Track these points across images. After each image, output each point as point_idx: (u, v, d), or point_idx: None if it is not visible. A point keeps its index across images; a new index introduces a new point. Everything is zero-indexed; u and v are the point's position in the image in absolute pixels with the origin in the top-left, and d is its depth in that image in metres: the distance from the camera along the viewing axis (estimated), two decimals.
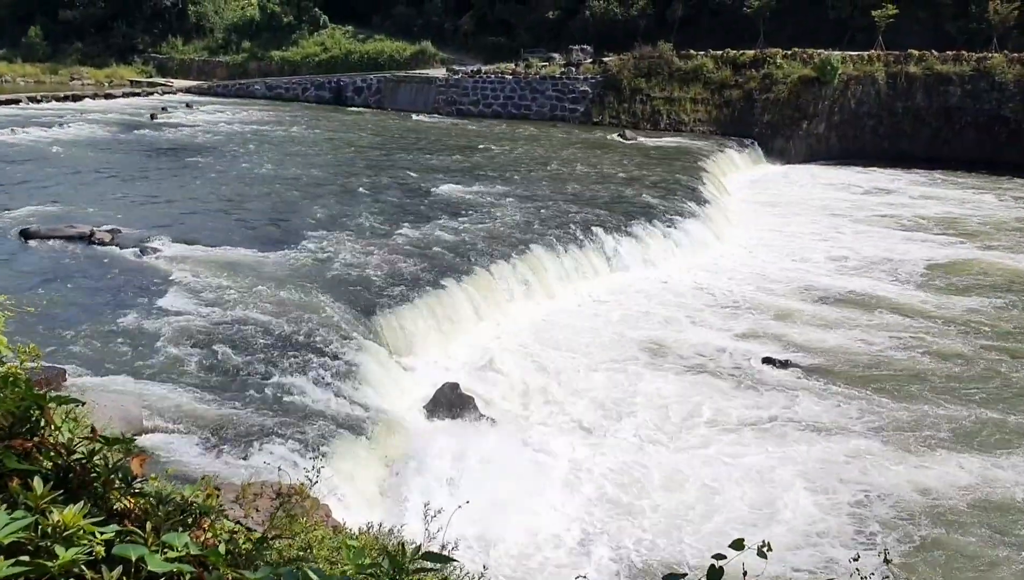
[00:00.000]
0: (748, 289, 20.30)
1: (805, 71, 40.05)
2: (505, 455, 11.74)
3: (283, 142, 33.49)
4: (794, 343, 16.89)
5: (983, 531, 10.68)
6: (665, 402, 14.10)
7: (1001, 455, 12.58)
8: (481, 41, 53.03)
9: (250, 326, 13.60)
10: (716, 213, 26.22)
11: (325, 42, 56.36)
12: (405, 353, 14.72)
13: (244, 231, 19.65)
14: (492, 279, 17.97)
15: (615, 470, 11.89)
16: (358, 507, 9.86)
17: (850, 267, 22.51)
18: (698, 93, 41.66)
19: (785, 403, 14.24)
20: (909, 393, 14.68)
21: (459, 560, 6.46)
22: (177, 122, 38.38)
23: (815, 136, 40.08)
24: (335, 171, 27.90)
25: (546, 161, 31.05)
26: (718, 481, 11.73)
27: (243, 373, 12.24)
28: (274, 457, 9.90)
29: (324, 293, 15.30)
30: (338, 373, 12.67)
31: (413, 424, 12.38)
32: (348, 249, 18.19)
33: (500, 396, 14.06)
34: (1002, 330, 17.91)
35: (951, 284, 21.09)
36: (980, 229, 27.11)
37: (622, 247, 21.47)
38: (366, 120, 42.49)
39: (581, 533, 10.44)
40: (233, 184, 25.09)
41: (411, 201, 23.62)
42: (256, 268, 16.58)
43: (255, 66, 56.56)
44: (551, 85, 44.09)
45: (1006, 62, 38.37)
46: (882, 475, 11.96)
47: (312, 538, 4.41)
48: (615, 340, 16.71)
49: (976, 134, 38.58)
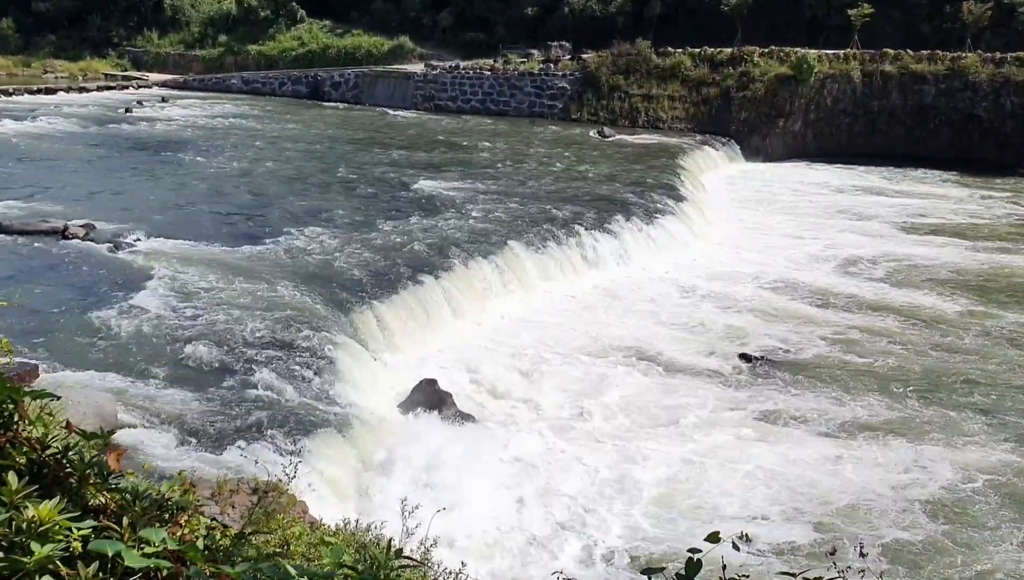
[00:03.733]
0: (725, 286, 20.40)
1: (782, 69, 40.26)
2: (482, 450, 11.75)
3: (260, 137, 33.27)
4: (771, 339, 17.00)
5: (958, 525, 10.82)
6: (642, 398, 14.16)
7: (969, 447, 12.76)
8: (459, 37, 52.87)
9: (226, 322, 13.52)
10: (693, 210, 26.32)
11: (302, 37, 55.97)
12: (383, 349, 14.68)
13: (220, 226, 19.53)
14: (470, 275, 17.95)
15: (592, 465, 11.92)
16: (335, 503, 9.83)
17: (826, 264, 22.68)
18: (676, 91, 41.78)
19: (760, 398, 14.33)
20: (885, 389, 14.82)
21: (437, 557, 6.46)
22: (152, 116, 38.02)
23: (792, 134, 40.31)
24: (312, 167, 27.77)
25: (524, 158, 31.05)
26: (700, 477, 11.79)
27: (219, 369, 12.17)
28: (250, 453, 9.85)
29: (301, 289, 15.23)
30: (315, 369, 12.62)
31: (390, 420, 12.36)
32: (325, 245, 18.12)
33: (478, 392, 14.07)
34: (975, 328, 18.11)
35: (927, 280, 21.29)
36: (958, 227, 27.37)
37: (600, 244, 21.52)
38: (343, 116, 42.29)
39: (557, 526, 10.46)
40: (209, 179, 24.92)
41: (389, 197, 23.56)
42: (232, 263, 16.48)
43: (231, 60, 56.06)
44: (530, 82, 44.06)
45: (979, 62, 38.78)
46: (857, 473, 12.08)
47: (289, 534, 4.39)
48: (593, 336, 16.75)
49: (950, 133, 38.96)
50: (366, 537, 6.00)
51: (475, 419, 12.83)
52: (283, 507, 8.02)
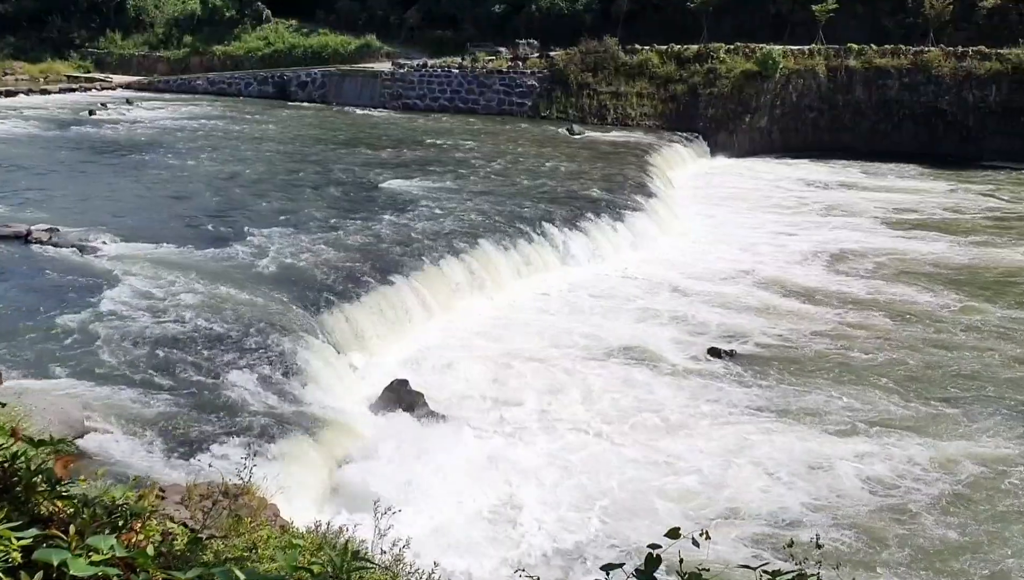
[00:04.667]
0: (695, 281, 20.50)
1: (748, 65, 40.55)
2: (455, 450, 11.72)
3: (226, 138, 32.98)
4: (740, 333, 17.11)
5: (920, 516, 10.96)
6: (614, 395, 14.19)
7: (934, 439, 12.93)
8: (427, 35, 52.73)
9: (194, 325, 13.39)
10: (663, 207, 26.45)
11: (268, 36, 55.54)
12: (353, 350, 14.61)
13: (187, 229, 19.33)
14: (441, 275, 17.91)
15: (565, 463, 11.93)
16: (307, 506, 9.76)
17: (794, 258, 22.86)
18: (644, 88, 41.93)
19: (730, 392, 14.42)
20: (862, 381, 14.98)
21: (409, 557, 6.43)
22: (117, 119, 37.57)
23: (758, 130, 40.62)
24: (280, 167, 27.56)
25: (494, 156, 31.02)
26: (669, 472, 11.84)
27: (188, 373, 12.05)
28: (220, 457, 9.77)
29: (270, 290, 15.12)
30: (285, 371, 12.54)
31: (362, 421, 12.28)
32: (294, 246, 18.00)
33: (450, 391, 14.03)
34: (943, 319, 18.34)
35: (896, 274, 21.51)
36: (923, 219, 27.71)
37: (571, 241, 21.55)
38: (311, 115, 42.03)
39: (530, 524, 10.46)
40: (175, 181, 24.66)
41: (357, 197, 23.44)
42: (200, 266, 16.32)
43: (197, 61, 55.52)
44: (498, 79, 44.03)
45: (942, 56, 39.30)
46: (828, 455, 12.20)
47: (257, 538, 4.35)
48: (564, 334, 16.77)
49: (914, 126, 39.46)
50: (337, 539, 5.96)
51: (447, 419, 12.79)
52: (253, 510, 7.95)
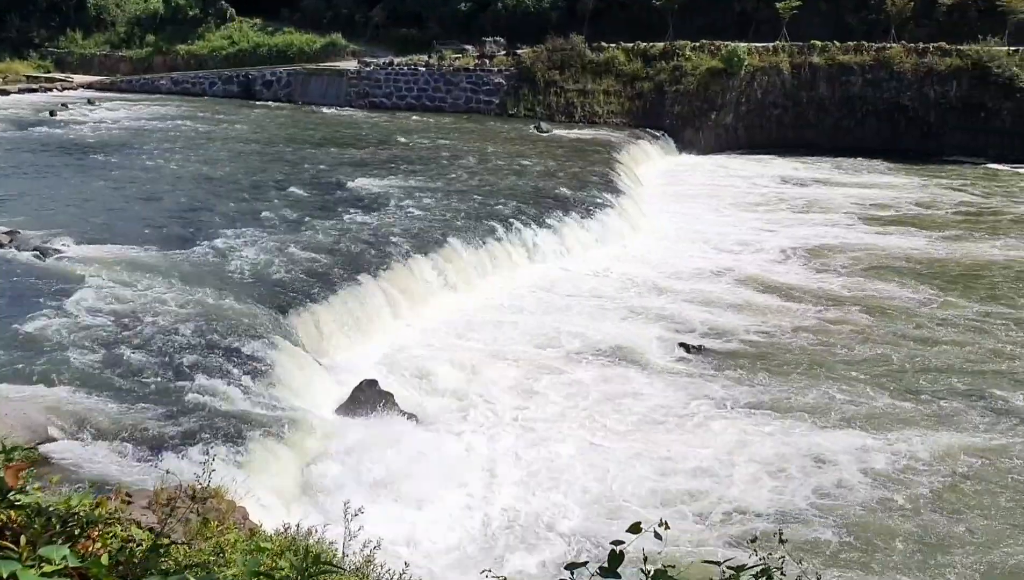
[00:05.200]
0: (663, 277, 20.62)
1: (713, 63, 40.81)
2: (425, 450, 11.70)
3: (191, 138, 32.63)
4: (709, 328, 17.22)
5: (881, 506, 11.10)
6: (585, 392, 14.23)
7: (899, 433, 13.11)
8: (392, 33, 52.48)
9: (160, 328, 13.23)
10: (630, 204, 26.55)
11: (232, 35, 54.99)
12: (321, 351, 14.53)
13: (152, 230, 19.10)
14: (410, 274, 17.86)
15: (536, 462, 11.95)
16: (277, 508, 9.70)
17: (760, 253, 23.06)
18: (611, 85, 42.06)
19: (700, 387, 14.52)
20: (814, 374, 15.14)
21: (379, 558, 6.40)
22: (79, 119, 37.00)
23: (724, 127, 40.90)
24: (245, 167, 27.31)
25: (462, 154, 30.96)
26: (638, 470, 11.90)
27: (154, 376, 11.91)
28: (188, 461, 9.68)
29: (236, 292, 14.98)
30: (253, 374, 12.43)
31: (331, 423, 12.23)
32: (260, 246, 17.84)
33: (420, 391, 14.00)
34: (922, 314, 18.58)
35: (874, 269, 21.72)
36: (899, 215, 28.03)
37: (540, 239, 21.58)
38: (276, 114, 41.70)
39: (501, 523, 10.46)
40: (139, 182, 24.35)
41: (325, 196, 23.29)
42: (165, 268, 16.13)
43: (160, 60, 54.84)
44: (465, 77, 43.95)
45: (904, 52, 39.82)
46: (788, 448, 12.31)
47: (224, 541, 4.30)
48: (534, 331, 16.79)
49: (877, 122, 39.95)
50: (307, 542, 5.91)
51: (417, 418, 12.77)
52: (222, 514, 7.89)
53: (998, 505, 11.20)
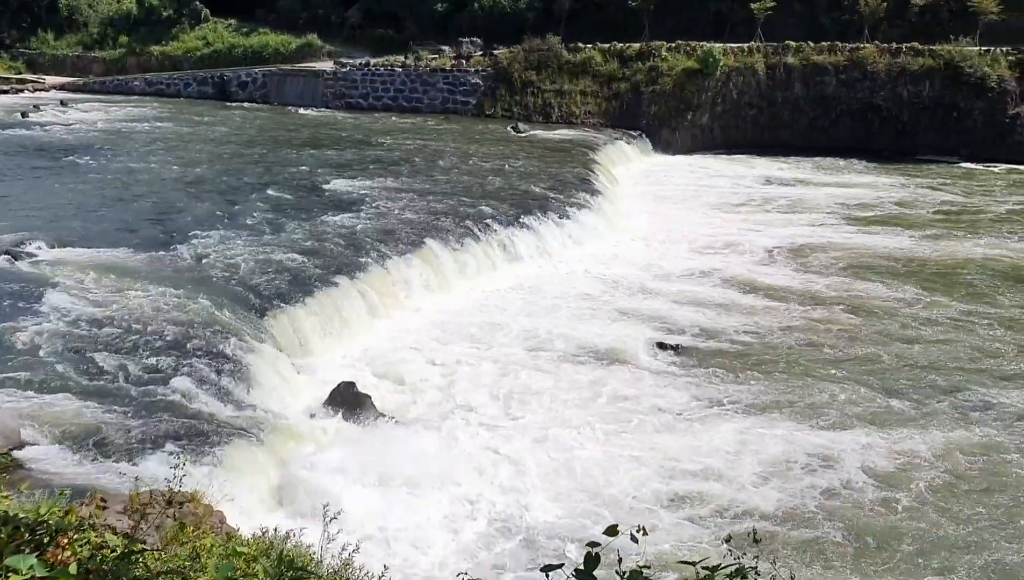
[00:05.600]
0: (641, 276, 20.68)
1: (689, 63, 40.99)
2: (404, 451, 11.67)
3: (166, 140, 32.37)
4: (686, 327, 17.29)
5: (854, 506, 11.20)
6: (563, 392, 14.25)
7: (875, 430, 13.22)
8: (369, 34, 52.32)
9: (135, 331, 13.12)
10: (608, 204, 26.62)
11: (207, 36, 54.61)
12: (299, 354, 14.46)
13: (126, 233, 18.93)
14: (387, 275, 17.81)
15: (516, 463, 11.95)
16: (254, 511, 9.66)
17: (736, 252, 23.18)
18: (587, 86, 42.16)
19: (677, 387, 14.57)
20: (787, 371, 15.24)
21: (358, 561, 6.38)
22: (51, 121, 36.61)
23: (699, 127, 41.08)
24: (221, 169, 27.12)
25: (439, 155, 30.92)
26: (614, 468, 11.93)
27: (129, 380, 11.81)
28: (164, 465, 9.59)
29: (212, 295, 14.87)
30: (229, 377, 12.36)
31: (309, 425, 12.17)
32: (236, 249, 17.73)
33: (398, 392, 13.97)
34: (907, 313, 18.73)
35: (858, 268, 21.86)
36: (882, 215, 28.23)
37: (518, 239, 21.58)
38: (252, 115, 41.45)
39: (479, 523, 10.46)
40: (113, 184, 24.13)
41: (301, 198, 23.18)
42: (140, 271, 16.00)
43: (133, 61, 54.37)
44: (442, 78, 43.90)
45: (877, 52, 40.18)
46: (764, 447, 12.39)
47: (200, 546, 4.26)
48: (512, 332, 16.78)
49: (851, 122, 40.27)
50: (283, 546, 5.88)
51: (395, 420, 12.73)
52: (198, 518, 7.82)
53: (995, 502, 11.27)
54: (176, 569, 2.54)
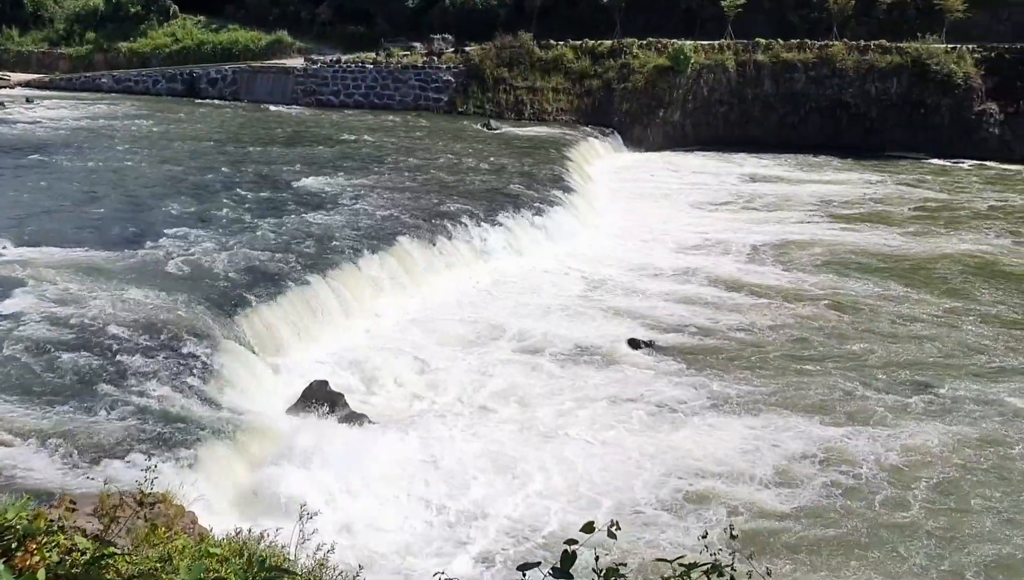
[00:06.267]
0: (614, 274, 20.75)
1: (660, 61, 41.14)
2: (377, 449, 11.63)
3: (133, 138, 32.01)
4: (658, 324, 17.37)
5: (825, 501, 11.32)
6: (535, 389, 14.26)
7: (847, 425, 13.36)
8: (340, 30, 52.03)
9: (105, 331, 12.97)
10: (581, 201, 26.67)
11: (176, 33, 54.07)
12: (270, 352, 14.36)
13: (94, 231, 18.71)
14: (359, 273, 17.73)
15: (484, 458, 11.95)
16: (227, 512, 9.59)
17: (709, 249, 23.32)
18: (559, 83, 42.21)
19: (648, 383, 14.64)
20: (757, 366, 15.36)
21: (332, 561, 6.36)
22: (17, 118, 36.06)
23: (671, 124, 41.26)
24: (190, 166, 26.85)
25: (411, 152, 30.83)
26: (585, 464, 11.97)
27: (99, 380, 11.68)
28: (135, 466, 9.50)
29: (182, 293, 14.74)
30: (200, 376, 12.26)
31: (282, 424, 12.09)
32: (206, 247, 17.58)
33: (371, 391, 13.93)
34: (849, 305, 18.94)
35: (840, 265, 22.03)
36: (852, 212, 28.47)
37: (491, 237, 21.56)
38: (221, 112, 41.09)
39: (450, 524, 10.45)
40: (81, 183, 23.83)
41: (272, 195, 23.02)
42: (108, 270, 15.81)
43: (101, 58, 53.72)
44: (414, 75, 43.76)
45: (845, 50, 40.56)
46: (720, 447, 12.48)
47: (172, 548, 4.23)
48: (485, 329, 16.78)
49: (820, 119, 40.62)
50: (257, 546, 5.84)
51: (369, 418, 12.68)
52: (170, 519, 7.75)
53: (993, 497, 11.36)
54: (147, 572, 2.52)
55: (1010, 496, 11.38)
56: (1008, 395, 14.41)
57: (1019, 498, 11.35)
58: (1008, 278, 21.29)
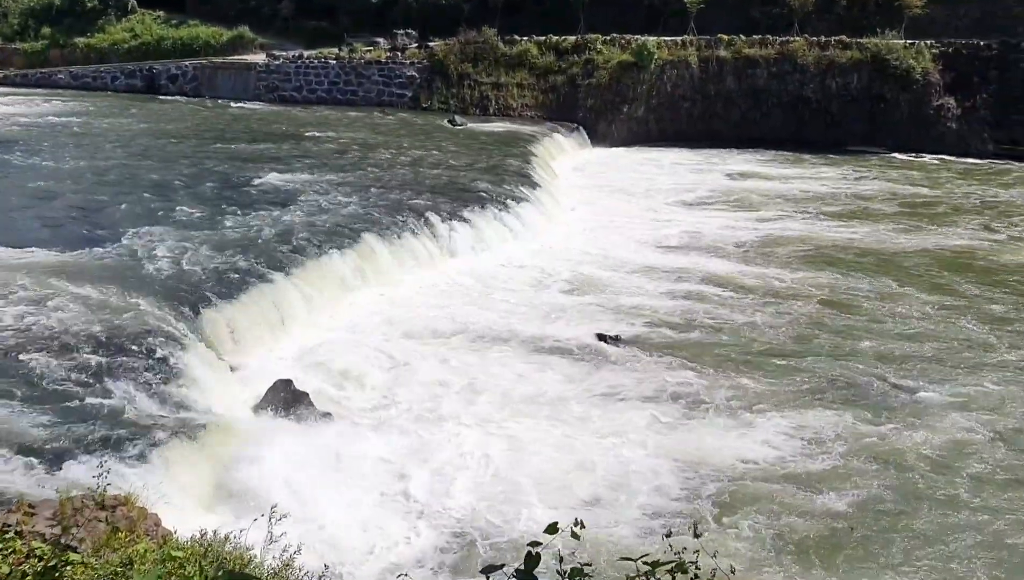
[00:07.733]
0: (580, 269, 20.78)
1: (624, 56, 41.27)
2: (341, 449, 11.57)
3: (93, 135, 31.49)
4: (625, 317, 17.43)
5: (792, 497, 11.44)
6: (502, 387, 14.24)
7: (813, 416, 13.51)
8: (302, 26, 51.60)
9: (63, 332, 12.74)
10: (547, 197, 26.68)
11: (135, 28, 53.26)
12: (233, 352, 14.21)
13: (52, 230, 18.39)
14: (324, 270, 17.60)
15: (450, 457, 11.93)
16: (192, 513, 9.47)
17: (675, 243, 23.44)
18: (524, 79, 42.19)
19: (614, 377, 14.69)
20: (728, 360, 15.48)
21: (298, 562, 6.31)
22: None
23: (635, 120, 41.42)
24: (151, 164, 26.46)
25: (375, 148, 30.65)
26: (557, 463, 11.99)
27: (58, 381, 11.47)
28: (96, 468, 9.31)
29: (143, 293, 14.53)
30: (163, 376, 12.09)
31: (245, 424, 11.98)
32: (167, 245, 17.34)
33: (335, 389, 13.82)
34: (822, 299, 19.12)
35: (773, 257, 22.27)
36: (799, 205, 28.79)
37: (456, 233, 21.50)
38: (182, 109, 40.58)
39: (415, 522, 10.42)
40: (37, 181, 23.39)
41: (234, 193, 22.75)
42: (66, 269, 15.53)
43: (57, 54, 52.79)
44: (377, 70, 43.51)
45: (806, 45, 40.96)
46: (692, 444, 12.57)
47: (134, 552, 4.15)
48: (451, 326, 16.73)
49: (782, 114, 40.99)
50: (222, 548, 5.77)
51: (333, 417, 12.60)
52: (132, 522, 7.63)
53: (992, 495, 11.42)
54: (106, 576, 2.46)
55: (996, 496, 11.35)
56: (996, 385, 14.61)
57: (1014, 494, 11.42)
58: (996, 272, 21.49)
